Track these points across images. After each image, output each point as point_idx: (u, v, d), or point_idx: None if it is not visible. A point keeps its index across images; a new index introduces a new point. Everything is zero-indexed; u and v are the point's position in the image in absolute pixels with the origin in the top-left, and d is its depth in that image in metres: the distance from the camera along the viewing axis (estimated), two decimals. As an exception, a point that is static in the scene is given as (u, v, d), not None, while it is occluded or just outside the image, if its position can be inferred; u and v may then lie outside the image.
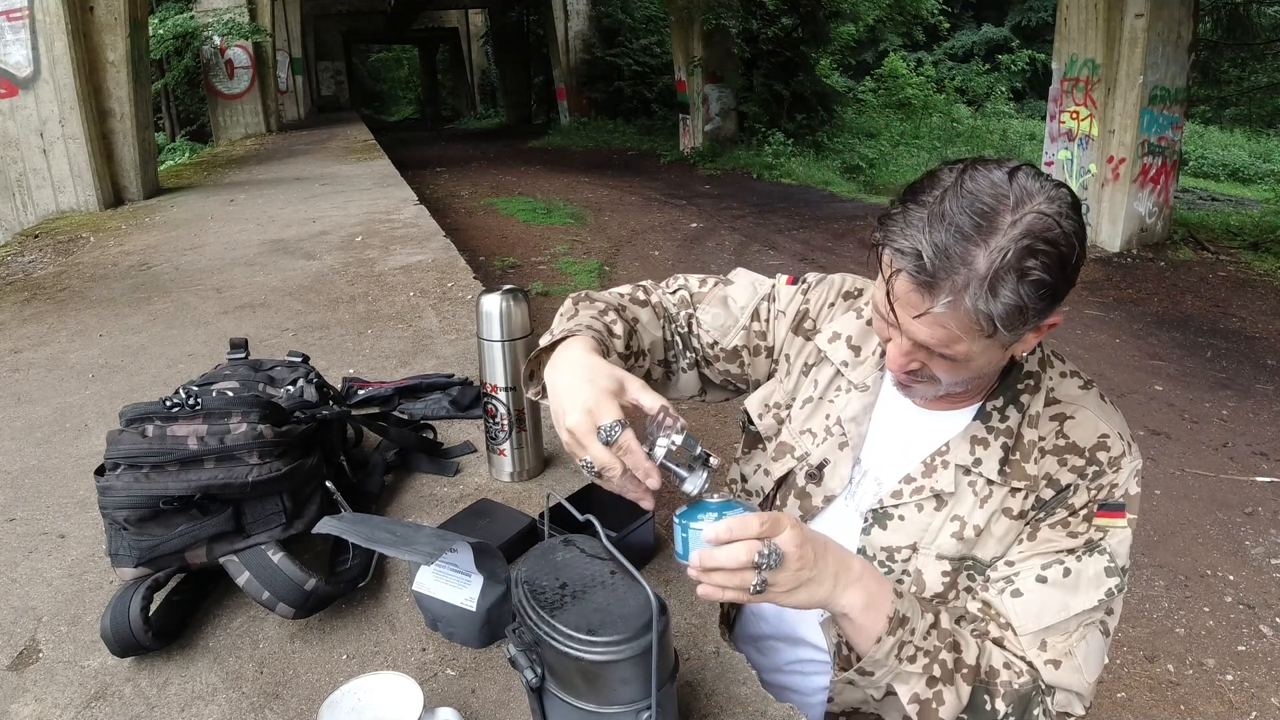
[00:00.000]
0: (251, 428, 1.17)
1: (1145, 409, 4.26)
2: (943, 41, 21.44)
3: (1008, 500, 0.93)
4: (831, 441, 1.04)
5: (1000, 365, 0.92)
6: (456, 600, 1.06)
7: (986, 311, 0.77)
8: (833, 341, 1.07)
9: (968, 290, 0.77)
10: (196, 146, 11.54)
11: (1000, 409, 0.95)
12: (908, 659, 0.84)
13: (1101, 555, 0.90)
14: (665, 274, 1.26)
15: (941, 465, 0.96)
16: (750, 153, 12.59)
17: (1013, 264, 0.76)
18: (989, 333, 0.79)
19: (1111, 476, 0.91)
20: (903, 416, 1.01)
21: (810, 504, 1.05)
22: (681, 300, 1.16)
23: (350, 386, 1.93)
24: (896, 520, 0.98)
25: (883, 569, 0.97)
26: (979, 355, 0.84)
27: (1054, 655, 0.89)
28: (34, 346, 2.64)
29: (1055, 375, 0.97)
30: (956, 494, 0.95)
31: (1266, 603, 2.79)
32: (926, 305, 0.79)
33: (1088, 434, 0.92)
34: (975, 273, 0.77)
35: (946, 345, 0.82)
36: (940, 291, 0.78)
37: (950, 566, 0.95)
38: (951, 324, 0.80)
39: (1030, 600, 0.90)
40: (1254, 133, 14.60)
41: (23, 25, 5.42)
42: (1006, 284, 0.76)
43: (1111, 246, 7.19)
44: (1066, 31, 7.27)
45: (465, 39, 27.28)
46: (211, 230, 4.72)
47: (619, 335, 1.01)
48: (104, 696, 1.03)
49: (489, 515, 1.33)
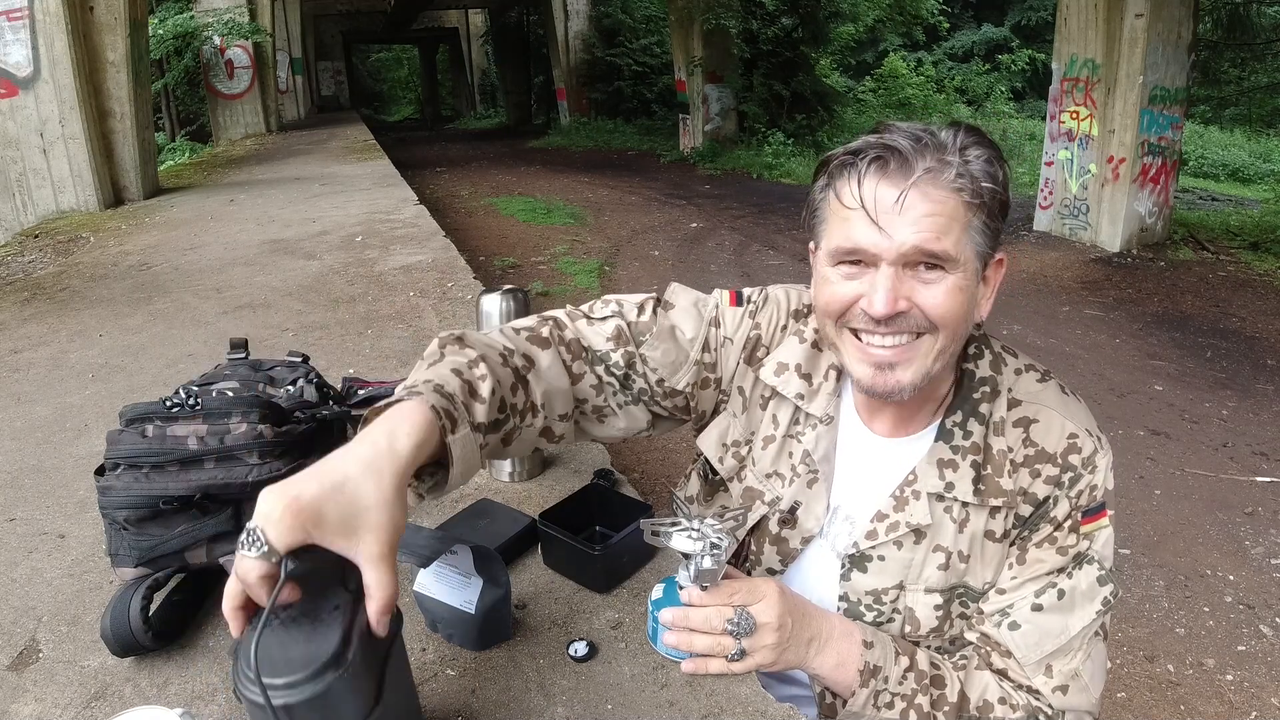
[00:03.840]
0: (251, 428, 1.17)
1: (1145, 409, 4.26)
2: (943, 41, 21.44)
3: (989, 523, 0.90)
4: (800, 482, 0.98)
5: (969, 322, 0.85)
6: (456, 602, 1.06)
7: (965, 171, 0.79)
8: (780, 374, 0.98)
9: (944, 153, 0.79)
10: (196, 146, 11.53)
11: (961, 424, 0.90)
12: (885, 705, 0.86)
13: (1091, 565, 0.88)
14: (665, 274, 1.24)
15: (913, 496, 0.91)
16: (750, 153, 12.59)
17: (968, 139, 0.81)
18: (972, 199, 0.79)
19: (1089, 479, 0.88)
20: (864, 447, 0.97)
21: (788, 548, 1.00)
22: (617, 334, 0.97)
23: (350, 386, 1.93)
24: (876, 561, 0.93)
25: (871, 612, 0.94)
26: (964, 263, 0.81)
27: (1060, 681, 0.87)
28: (34, 346, 2.64)
29: (1011, 374, 0.92)
30: (934, 524, 0.91)
31: (1266, 603, 2.79)
32: (909, 178, 0.78)
33: (1055, 437, 0.89)
34: (942, 144, 0.80)
35: (937, 238, 0.78)
36: (919, 160, 0.79)
37: (942, 599, 0.92)
38: (936, 195, 0.78)
39: (1028, 630, 0.88)
40: (1254, 133, 14.59)
41: (23, 25, 5.42)
42: (970, 149, 0.80)
43: (1111, 246, 7.19)
44: (1066, 31, 7.27)
45: (465, 39, 27.29)
46: (211, 230, 4.72)
47: (482, 397, 0.80)
48: (104, 696, 1.03)
49: (489, 515, 1.33)
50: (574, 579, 1.21)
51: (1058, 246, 7.42)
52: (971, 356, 0.92)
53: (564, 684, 1.02)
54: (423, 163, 13.30)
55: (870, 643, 0.87)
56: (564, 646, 1.07)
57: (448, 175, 12.28)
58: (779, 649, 0.81)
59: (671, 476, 3.52)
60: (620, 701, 0.99)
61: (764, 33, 13.09)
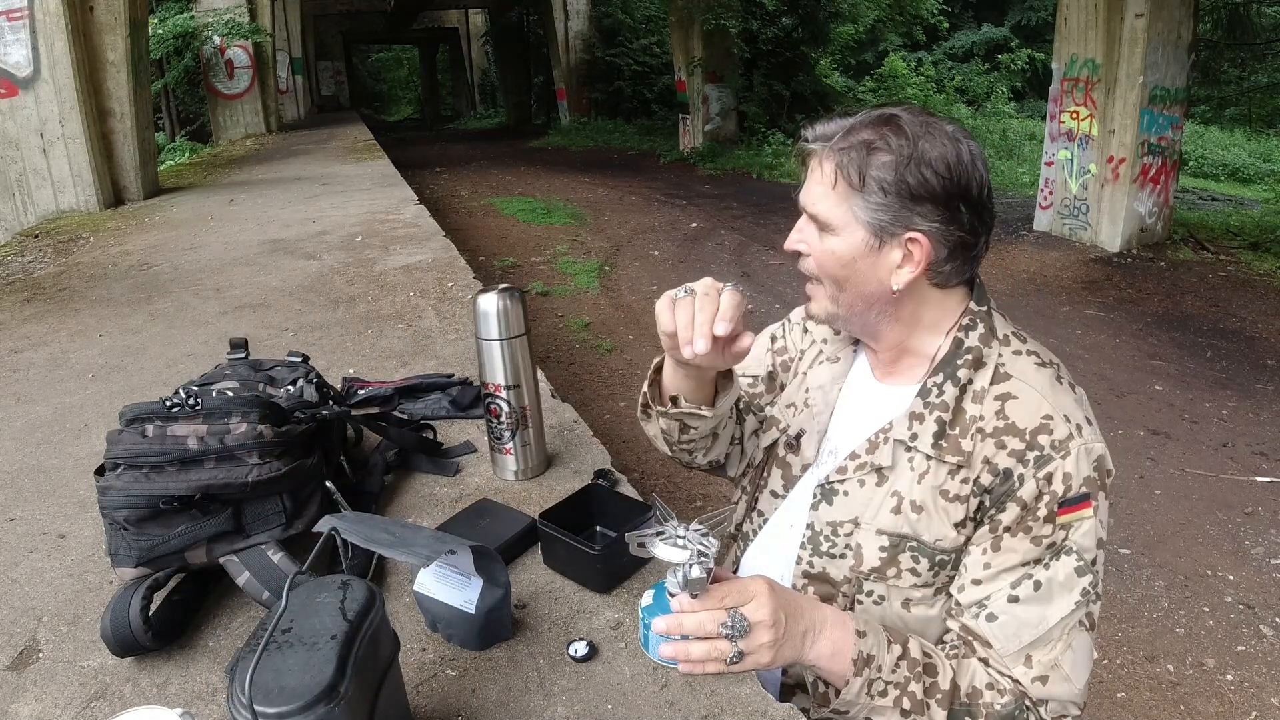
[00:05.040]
0: (251, 428, 1.17)
1: (1145, 409, 4.26)
2: (943, 41, 21.42)
3: (946, 481, 0.93)
4: (807, 412, 1.10)
5: (870, 274, 0.95)
6: (456, 602, 1.06)
7: (846, 159, 0.91)
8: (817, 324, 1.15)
9: (835, 138, 0.93)
10: (196, 146, 11.53)
11: (939, 385, 0.96)
12: (878, 694, 0.87)
13: (1069, 556, 0.88)
14: (665, 274, 1.27)
15: (883, 441, 0.98)
16: (750, 153, 12.58)
17: (870, 123, 0.92)
18: (851, 180, 0.91)
19: (1059, 463, 0.88)
20: (865, 392, 1.07)
21: (790, 473, 1.09)
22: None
23: (350, 386, 1.93)
24: (841, 496, 1.01)
25: (826, 543, 1.01)
26: (844, 226, 0.93)
27: (1040, 671, 0.88)
28: (34, 346, 2.64)
29: (1009, 353, 0.96)
30: (895, 469, 0.97)
31: (1266, 603, 2.79)
32: (807, 151, 0.96)
33: (1029, 415, 0.90)
34: (842, 127, 0.94)
35: (814, 203, 0.94)
36: (816, 140, 0.95)
37: (889, 542, 0.96)
38: (826, 169, 0.93)
39: (1006, 621, 0.89)
40: (1254, 133, 14.57)
41: (23, 25, 5.42)
42: (860, 135, 0.92)
43: (1111, 246, 7.20)
44: (1066, 31, 7.27)
45: (465, 39, 27.28)
46: (211, 230, 4.73)
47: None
48: (104, 696, 1.03)
49: (489, 515, 1.33)
50: (574, 579, 1.21)
51: (1058, 246, 7.42)
52: (965, 328, 0.98)
53: (564, 684, 1.02)
54: (423, 163, 13.30)
55: (863, 631, 0.87)
56: (564, 646, 1.07)
57: (448, 175, 12.28)
58: (775, 647, 0.82)
59: (671, 476, 3.52)
60: (620, 701, 0.99)
61: (764, 33, 13.09)
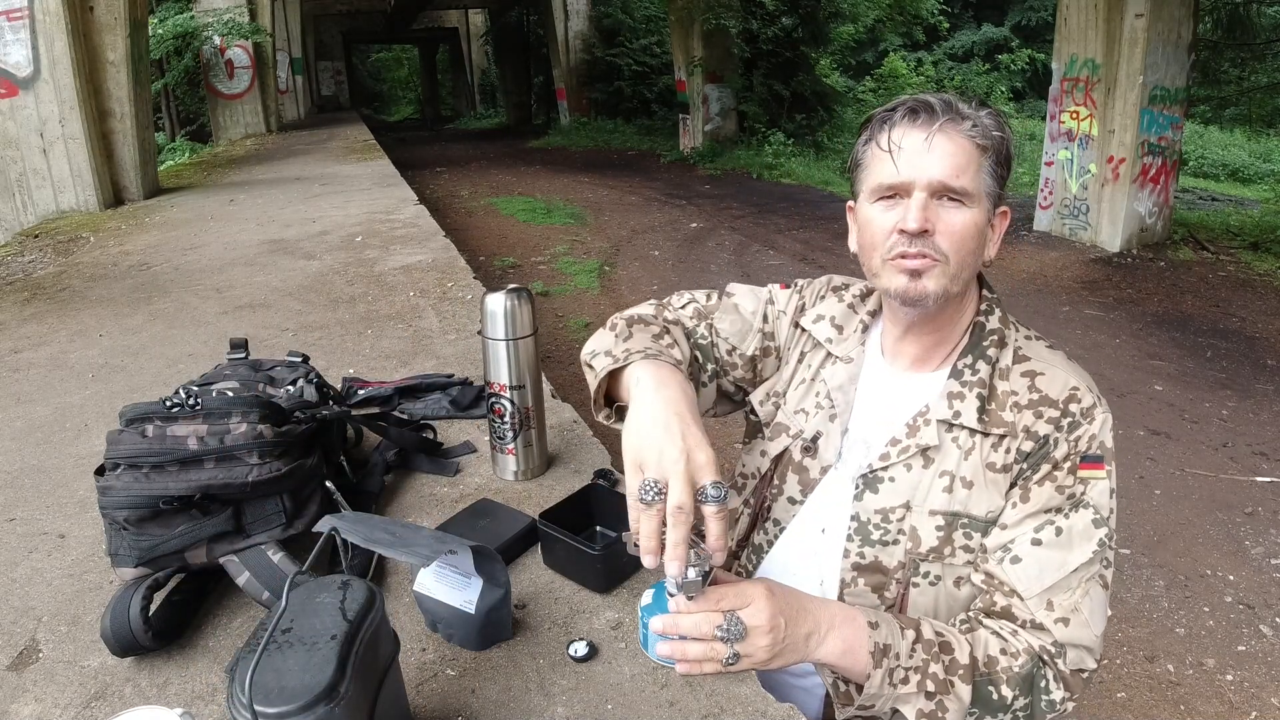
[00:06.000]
0: (251, 428, 1.17)
1: (1145, 409, 4.26)
2: (943, 41, 21.43)
3: (990, 454, 0.98)
4: (823, 414, 1.10)
5: (977, 257, 0.98)
6: (456, 602, 1.06)
7: (978, 121, 0.95)
8: (817, 322, 1.15)
9: (960, 108, 0.96)
10: (196, 146, 11.53)
11: (971, 365, 1.02)
12: (900, 682, 0.87)
13: (1086, 509, 0.95)
14: (665, 274, 1.27)
15: (924, 423, 1.01)
16: (750, 153, 12.58)
17: (980, 105, 0.98)
18: (983, 141, 0.95)
19: (1087, 427, 0.96)
20: (885, 384, 1.08)
21: (808, 477, 1.09)
22: (696, 313, 1.18)
23: (350, 386, 1.93)
24: (888, 482, 1.02)
25: (877, 531, 1.01)
26: (979, 197, 0.95)
27: (1062, 613, 0.92)
28: (34, 346, 2.64)
29: (1020, 337, 1.05)
30: (941, 448, 1.00)
31: (1266, 603, 2.79)
32: (934, 124, 0.94)
33: (1059, 387, 0.98)
34: (958, 101, 0.97)
35: (956, 174, 0.93)
36: (943, 112, 0.95)
37: (944, 521, 0.98)
38: (956, 139, 0.94)
39: (1029, 564, 0.94)
40: (1254, 133, 14.57)
41: (23, 25, 5.42)
42: (982, 109, 0.97)
43: (1111, 246, 7.20)
44: (1066, 31, 7.27)
45: (465, 39, 27.27)
46: (211, 230, 4.72)
47: (683, 360, 1.04)
48: (104, 696, 1.03)
49: (489, 515, 1.33)
50: (574, 579, 1.21)
51: (1058, 246, 7.42)
52: (983, 312, 1.04)
53: (564, 684, 1.02)
54: (423, 163, 13.30)
55: (875, 623, 0.88)
56: (564, 646, 1.07)
57: (448, 175, 12.28)
58: (773, 650, 0.82)
59: (671, 476, 3.51)
60: (620, 701, 0.99)
61: (764, 33, 13.08)
